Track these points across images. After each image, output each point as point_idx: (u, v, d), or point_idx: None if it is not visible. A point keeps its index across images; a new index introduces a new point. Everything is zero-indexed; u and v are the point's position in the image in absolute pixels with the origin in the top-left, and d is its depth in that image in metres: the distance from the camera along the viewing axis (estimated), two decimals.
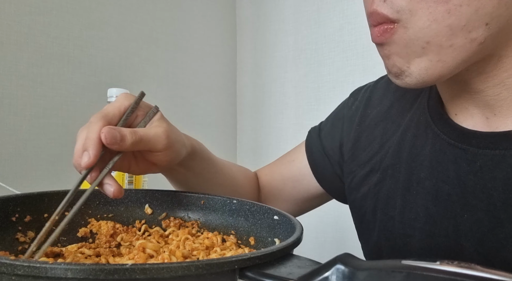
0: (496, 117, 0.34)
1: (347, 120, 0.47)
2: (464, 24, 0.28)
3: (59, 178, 0.79)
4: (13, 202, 0.32)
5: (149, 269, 0.18)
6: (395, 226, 0.38)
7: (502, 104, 0.33)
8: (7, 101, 0.74)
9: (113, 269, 0.18)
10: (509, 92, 0.32)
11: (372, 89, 0.47)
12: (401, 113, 0.42)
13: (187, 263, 0.19)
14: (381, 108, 0.44)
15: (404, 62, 0.30)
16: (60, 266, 0.18)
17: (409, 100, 0.42)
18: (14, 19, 0.75)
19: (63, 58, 0.81)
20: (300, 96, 1.04)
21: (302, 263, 0.22)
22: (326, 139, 0.49)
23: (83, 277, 0.18)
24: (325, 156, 0.49)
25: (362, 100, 0.47)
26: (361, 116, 0.45)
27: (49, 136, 0.79)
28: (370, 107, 0.45)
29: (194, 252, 0.30)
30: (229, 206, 0.36)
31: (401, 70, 0.31)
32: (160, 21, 0.99)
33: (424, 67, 0.30)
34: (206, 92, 1.11)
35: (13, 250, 0.31)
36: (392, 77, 0.32)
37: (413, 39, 0.29)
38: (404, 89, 0.42)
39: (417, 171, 0.37)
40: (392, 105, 0.43)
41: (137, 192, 0.39)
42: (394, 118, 0.42)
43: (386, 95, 0.44)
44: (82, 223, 0.36)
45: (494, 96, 0.33)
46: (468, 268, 0.16)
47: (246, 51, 1.18)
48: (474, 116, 0.35)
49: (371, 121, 0.44)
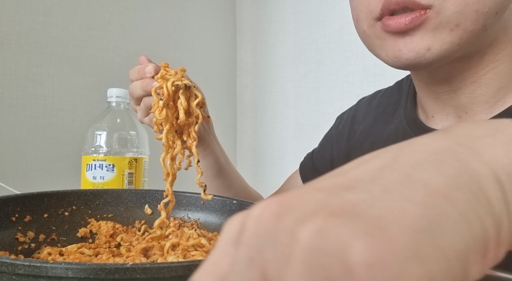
0: (468, 115, 0.35)
1: (336, 139, 0.50)
2: (486, 10, 0.29)
3: (58, 178, 0.79)
4: (13, 202, 0.32)
5: (150, 269, 0.18)
6: None
7: (474, 102, 0.35)
8: (7, 101, 0.75)
9: (114, 268, 0.18)
10: (482, 89, 0.34)
11: (355, 108, 0.51)
12: (384, 127, 0.44)
13: (188, 262, 0.19)
14: (366, 124, 0.47)
15: (425, 45, 0.30)
16: (61, 265, 0.18)
17: (390, 113, 0.44)
18: (14, 19, 0.75)
19: (63, 58, 0.81)
20: (300, 96, 1.05)
21: None
22: (317, 160, 0.52)
23: (84, 277, 0.18)
24: (318, 176, 0.50)
25: (348, 119, 0.50)
26: (349, 133, 0.48)
27: (49, 136, 0.79)
28: (356, 124, 0.48)
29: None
30: (229, 206, 0.36)
31: (418, 54, 0.31)
32: (160, 21, 0.99)
33: (445, 50, 0.30)
34: (206, 92, 1.11)
35: (12, 250, 0.31)
36: (397, 62, 0.32)
37: (444, 23, 0.30)
38: (385, 105, 0.45)
39: None
40: (376, 121, 0.46)
41: (137, 192, 0.39)
42: (378, 133, 0.44)
43: (368, 113, 0.47)
44: (82, 223, 0.36)
45: (469, 94, 0.35)
46: None
47: (246, 51, 1.18)
48: (449, 116, 0.37)
49: (359, 136, 0.47)
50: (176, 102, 0.33)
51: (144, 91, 0.40)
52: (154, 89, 0.33)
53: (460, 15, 0.30)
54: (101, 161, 0.56)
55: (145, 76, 0.40)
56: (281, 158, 1.05)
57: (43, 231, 0.33)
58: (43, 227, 0.34)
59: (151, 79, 0.39)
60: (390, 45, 0.32)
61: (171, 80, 0.32)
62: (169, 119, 0.32)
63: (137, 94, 0.41)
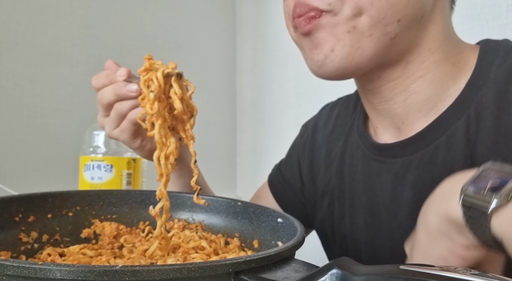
0: (405, 126, 0.36)
1: (301, 148, 0.50)
2: (383, 17, 0.31)
3: (56, 178, 0.79)
4: (17, 202, 0.32)
5: (140, 271, 0.18)
6: (349, 244, 0.41)
7: (408, 111, 0.36)
8: (4, 101, 0.74)
9: (103, 270, 0.18)
10: (413, 98, 0.35)
11: (317, 116, 0.51)
12: (340, 136, 0.45)
13: (179, 265, 0.19)
14: (325, 132, 0.47)
15: (329, 47, 0.32)
16: (49, 267, 0.18)
17: (347, 124, 0.45)
18: (11, 18, 0.74)
19: (61, 58, 0.81)
20: (300, 96, 1.04)
21: (300, 267, 0.22)
22: (285, 170, 0.52)
23: (72, 278, 0.18)
24: (286, 187, 0.51)
25: (311, 128, 0.50)
26: (311, 142, 0.49)
27: (46, 136, 0.79)
28: (317, 132, 0.49)
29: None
30: (233, 208, 0.36)
31: (326, 56, 0.33)
32: (159, 20, 0.99)
33: (346, 52, 0.32)
34: (206, 92, 1.11)
35: (15, 250, 0.31)
36: (315, 69, 0.34)
37: (341, 23, 0.32)
38: (343, 115, 0.46)
39: (356, 188, 0.40)
40: (334, 129, 0.46)
41: (142, 193, 0.39)
42: (335, 141, 0.45)
43: (328, 121, 0.48)
44: (86, 224, 0.36)
45: (402, 103, 0.36)
46: (468, 275, 0.16)
47: (245, 50, 1.18)
48: (389, 128, 0.38)
49: (319, 145, 0.47)
50: (167, 94, 0.30)
51: (116, 95, 0.37)
52: (143, 81, 0.30)
53: (355, 17, 0.31)
54: (99, 161, 0.56)
55: (115, 80, 0.37)
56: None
57: (46, 232, 0.33)
58: (46, 228, 0.33)
59: (124, 82, 0.36)
60: (307, 48, 0.34)
61: (161, 69, 0.29)
62: (160, 114, 0.29)
63: (107, 100, 0.37)
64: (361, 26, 0.31)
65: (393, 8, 0.31)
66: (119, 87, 0.36)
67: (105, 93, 0.37)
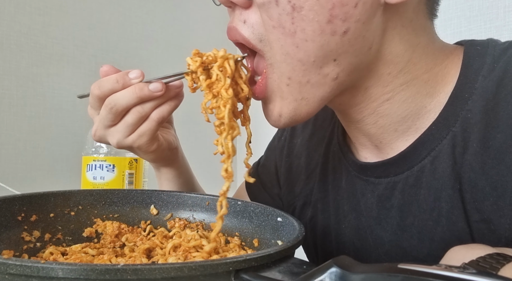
0: (383, 144, 0.34)
1: (278, 152, 0.48)
2: (313, 60, 0.28)
3: (59, 178, 0.79)
4: (19, 201, 0.32)
5: (141, 270, 0.18)
6: None
7: (382, 132, 0.33)
8: (7, 101, 0.75)
9: (104, 269, 0.18)
10: (384, 120, 0.32)
11: None
12: (321, 142, 0.42)
13: (180, 264, 0.19)
14: (304, 137, 0.45)
15: (277, 113, 0.31)
16: (51, 265, 0.18)
17: (328, 130, 0.42)
18: (14, 19, 0.75)
19: (63, 58, 0.81)
20: None
21: (299, 266, 0.22)
22: (263, 174, 0.50)
23: (74, 277, 0.18)
24: (264, 192, 0.49)
25: (288, 131, 0.47)
26: (288, 147, 0.46)
27: (49, 136, 0.79)
28: (295, 137, 0.46)
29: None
30: (233, 207, 0.36)
31: (276, 120, 0.32)
32: (160, 21, 0.99)
33: (293, 109, 0.30)
34: None
35: (18, 249, 0.31)
36: (272, 123, 0.33)
37: (280, 77, 0.29)
38: (322, 118, 0.43)
39: (341, 204, 0.38)
40: (313, 134, 0.44)
41: (143, 193, 0.39)
42: (315, 147, 0.43)
43: (307, 125, 0.45)
44: (88, 223, 0.36)
45: (373, 125, 0.33)
46: (467, 273, 0.16)
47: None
48: (367, 145, 0.36)
49: (297, 151, 0.45)
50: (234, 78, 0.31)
51: (138, 98, 0.33)
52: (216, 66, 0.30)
53: (286, 65, 0.28)
54: (101, 161, 0.56)
55: (130, 83, 0.34)
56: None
57: (48, 231, 0.34)
58: (49, 227, 0.34)
59: (144, 83, 0.34)
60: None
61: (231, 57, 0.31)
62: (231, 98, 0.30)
63: (125, 105, 0.34)
64: (294, 74, 0.29)
65: (324, 48, 0.27)
66: (141, 89, 0.33)
67: (121, 98, 0.34)
